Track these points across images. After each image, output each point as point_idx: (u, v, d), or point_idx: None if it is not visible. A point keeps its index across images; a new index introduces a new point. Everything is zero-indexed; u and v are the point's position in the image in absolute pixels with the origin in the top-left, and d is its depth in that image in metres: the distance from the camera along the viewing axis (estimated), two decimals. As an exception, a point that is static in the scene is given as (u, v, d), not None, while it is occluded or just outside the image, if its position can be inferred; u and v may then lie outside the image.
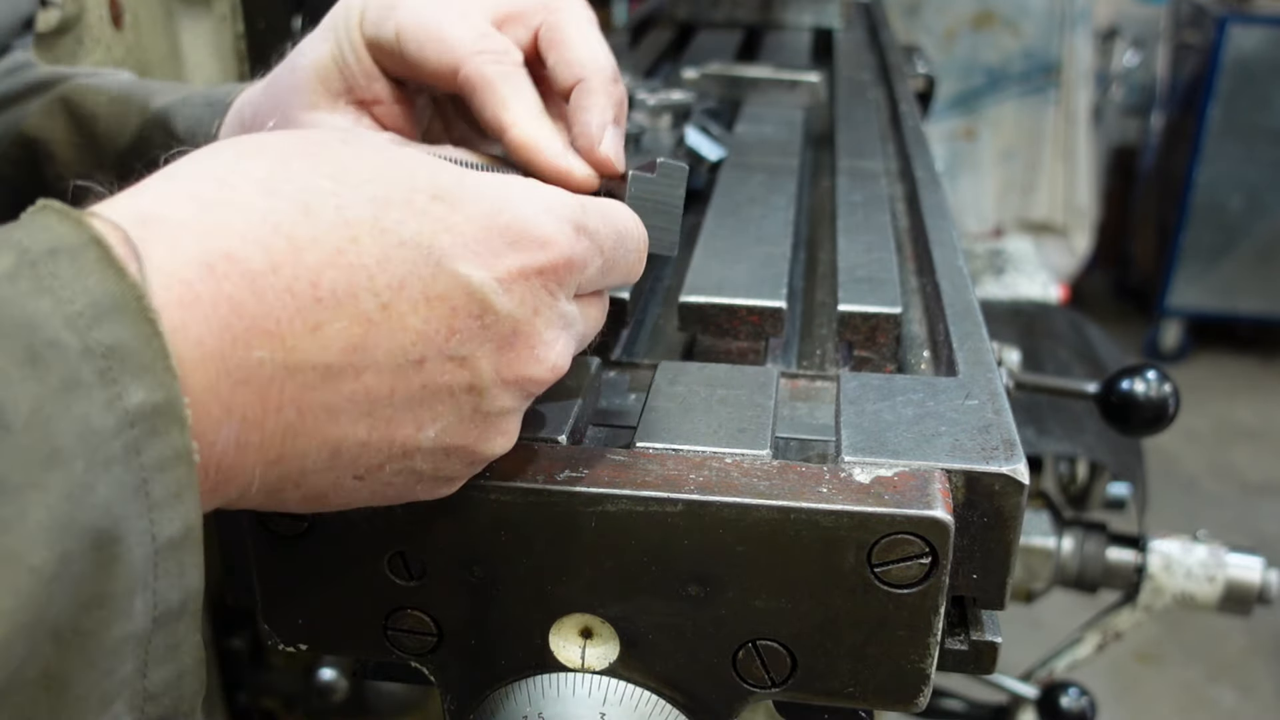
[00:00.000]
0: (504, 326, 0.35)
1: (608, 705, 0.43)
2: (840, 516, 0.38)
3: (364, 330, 0.32)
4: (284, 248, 0.31)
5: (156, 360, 0.28)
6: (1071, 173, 3.40)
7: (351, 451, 0.34)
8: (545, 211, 0.37)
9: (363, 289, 0.32)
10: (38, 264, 0.27)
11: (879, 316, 0.54)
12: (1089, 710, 0.98)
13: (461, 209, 0.34)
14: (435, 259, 0.33)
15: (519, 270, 0.35)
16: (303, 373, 0.31)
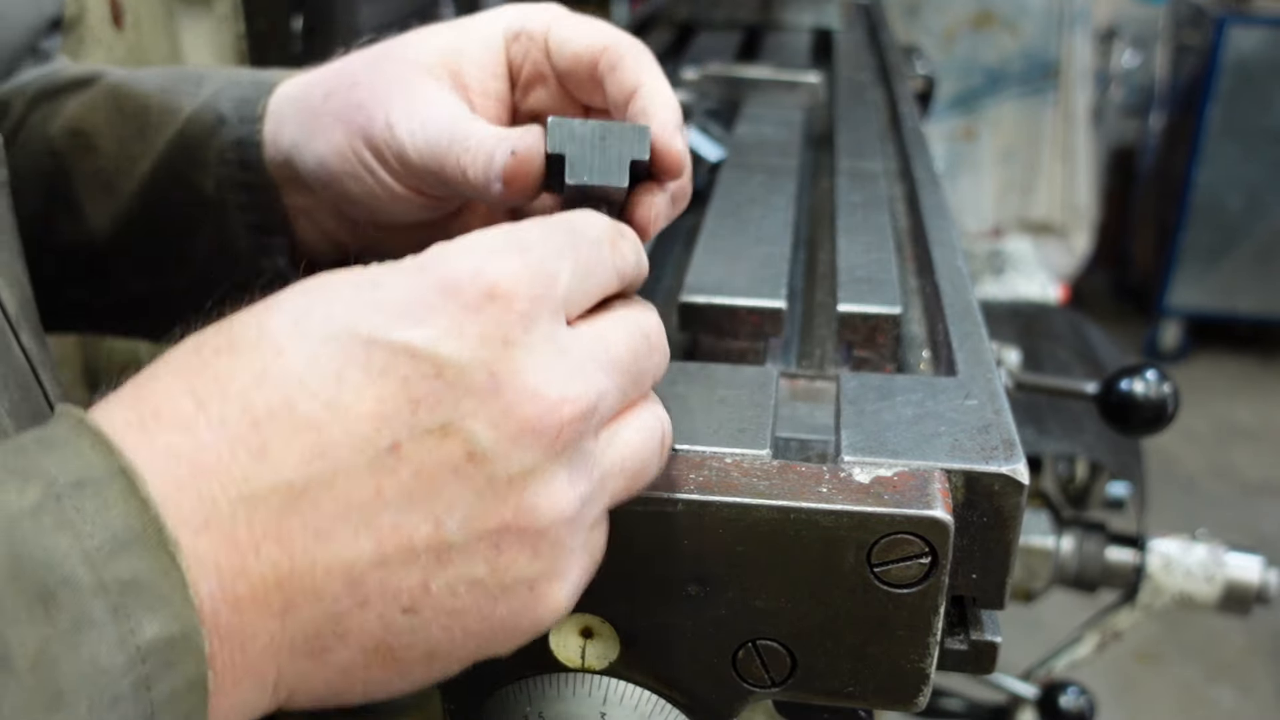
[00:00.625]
0: (475, 375, 0.31)
1: (608, 705, 0.43)
2: (840, 516, 0.39)
3: (314, 436, 0.30)
4: (208, 385, 0.30)
5: (174, 592, 0.27)
6: (1071, 173, 3.40)
7: (372, 575, 0.31)
8: (471, 250, 0.34)
9: (296, 395, 0.30)
10: (63, 498, 0.27)
11: (879, 317, 0.54)
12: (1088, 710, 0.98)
13: (386, 284, 0.32)
14: (365, 338, 0.31)
15: (461, 310, 0.32)
16: (264, 500, 0.29)
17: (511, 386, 0.32)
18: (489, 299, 0.32)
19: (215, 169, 0.57)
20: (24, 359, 0.48)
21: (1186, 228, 3.34)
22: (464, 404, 0.31)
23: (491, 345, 0.32)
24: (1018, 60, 3.37)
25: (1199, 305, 3.43)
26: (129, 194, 0.59)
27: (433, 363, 0.31)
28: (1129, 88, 3.62)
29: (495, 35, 0.52)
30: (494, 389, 0.31)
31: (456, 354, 0.31)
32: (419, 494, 0.31)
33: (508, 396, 0.31)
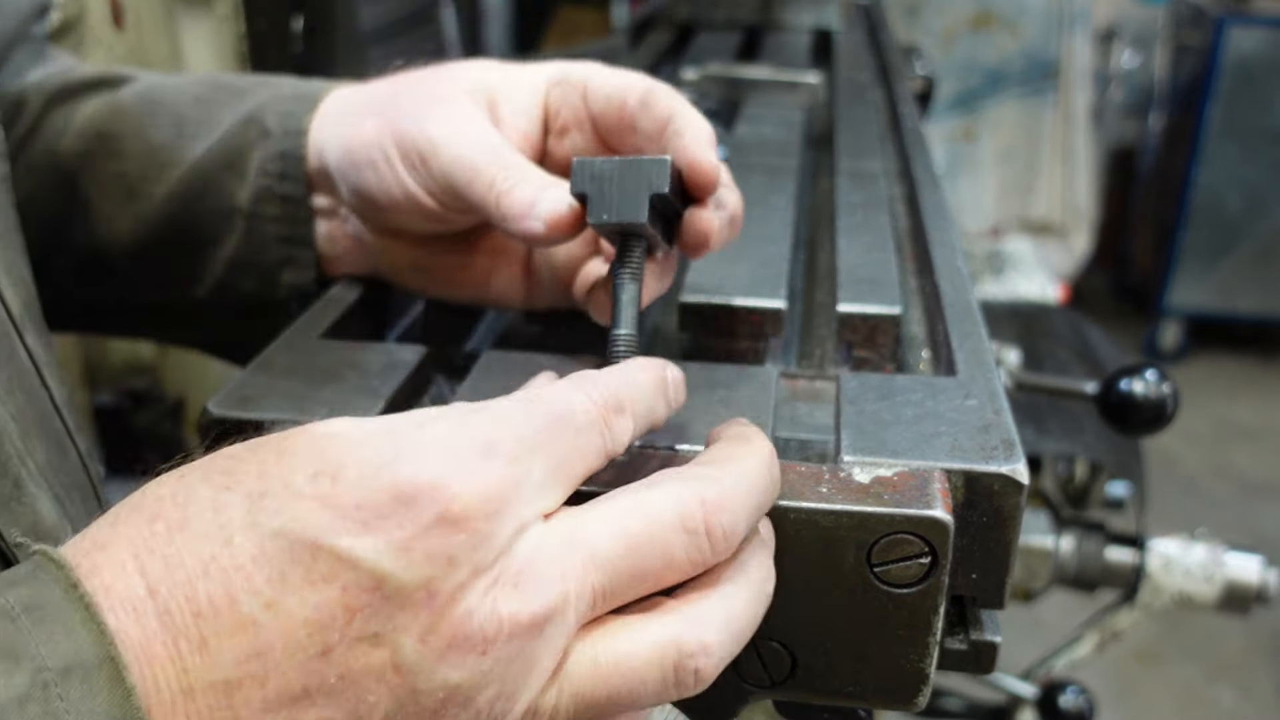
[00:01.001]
0: (413, 592, 0.31)
1: (608, 705, 0.43)
2: (840, 516, 0.39)
3: (252, 636, 0.30)
4: (159, 569, 0.30)
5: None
6: (1071, 173, 3.40)
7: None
8: (435, 452, 0.32)
9: (241, 592, 0.30)
10: (50, 686, 0.27)
11: (879, 317, 0.54)
12: (1088, 709, 0.98)
13: (342, 478, 0.31)
14: (311, 540, 0.31)
15: (412, 527, 0.31)
16: (202, 693, 0.30)
17: (447, 604, 0.31)
18: (440, 520, 0.31)
19: (254, 180, 0.58)
20: (29, 360, 0.48)
21: (1186, 228, 3.34)
22: (397, 617, 0.31)
23: (435, 563, 0.31)
24: (1018, 60, 3.37)
25: (1199, 305, 3.44)
26: (156, 200, 0.60)
27: (373, 575, 0.31)
28: (1129, 88, 3.62)
29: (539, 81, 0.54)
30: (428, 605, 0.31)
31: (398, 570, 0.31)
32: (343, 695, 0.31)
33: (440, 613, 0.31)
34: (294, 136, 0.57)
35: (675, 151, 0.47)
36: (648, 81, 0.51)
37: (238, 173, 0.58)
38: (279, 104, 0.59)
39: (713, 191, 0.47)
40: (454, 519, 0.31)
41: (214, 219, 0.59)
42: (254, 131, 0.58)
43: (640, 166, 0.44)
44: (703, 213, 0.47)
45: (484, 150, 0.50)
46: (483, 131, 0.51)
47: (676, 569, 0.35)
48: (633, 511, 0.35)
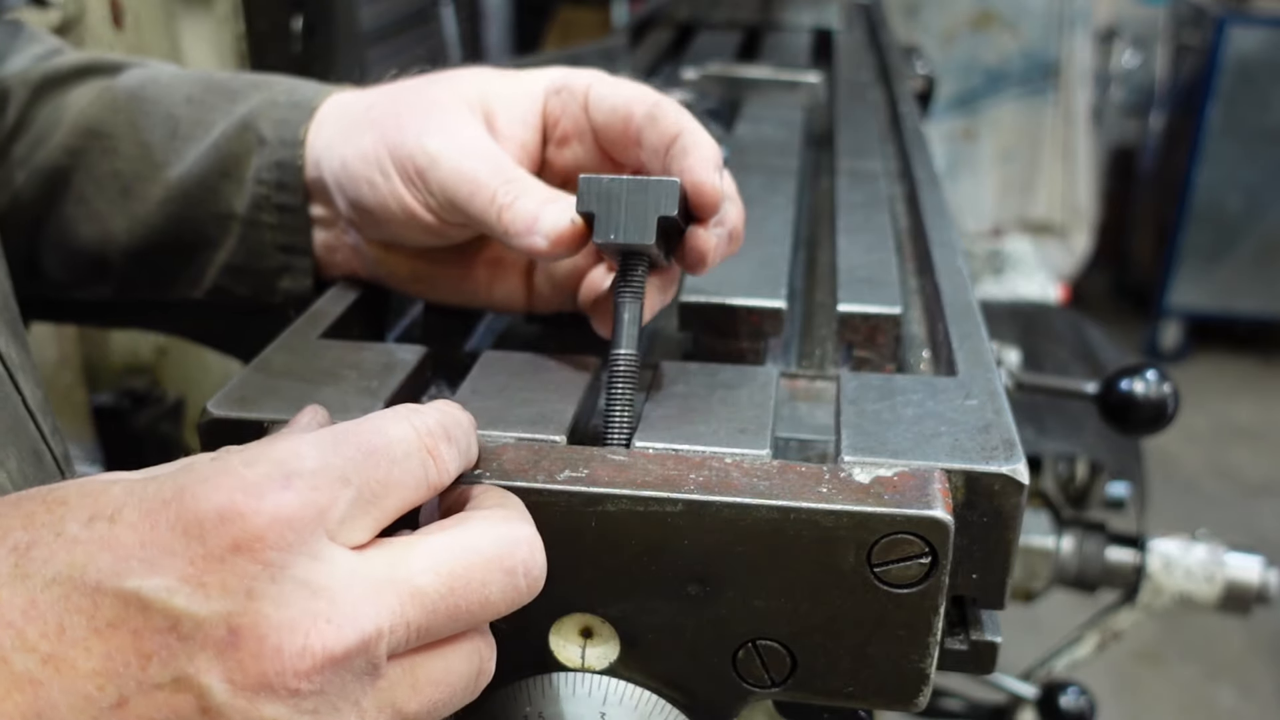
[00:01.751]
0: (212, 629, 0.29)
1: (608, 705, 0.43)
2: (840, 516, 0.39)
3: (30, 696, 0.28)
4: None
5: None
6: (1071, 173, 3.40)
7: None
8: (224, 480, 0.30)
9: (12, 650, 0.28)
10: None
11: (879, 317, 0.54)
12: (1088, 710, 0.98)
13: (123, 517, 0.30)
14: (93, 585, 0.29)
15: (204, 558, 0.29)
16: None
17: (250, 640, 0.29)
18: (234, 548, 0.29)
19: (251, 187, 0.58)
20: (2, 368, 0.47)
21: (1186, 228, 3.34)
22: (199, 658, 0.29)
23: (233, 596, 0.29)
24: (1018, 60, 3.37)
25: (1199, 305, 3.44)
26: (151, 202, 0.59)
27: (165, 615, 0.29)
28: (1129, 88, 3.62)
29: (537, 88, 0.54)
30: (232, 643, 0.29)
31: (193, 607, 0.29)
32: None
33: (246, 650, 0.29)
34: (291, 147, 0.57)
35: (681, 171, 0.47)
36: (654, 95, 0.51)
37: (234, 180, 0.58)
38: (274, 110, 0.58)
39: (716, 212, 0.47)
40: (248, 548, 0.29)
41: (210, 224, 0.59)
42: (250, 139, 0.58)
43: (648, 188, 0.44)
44: (703, 232, 0.47)
45: (484, 163, 0.50)
46: (481, 143, 0.51)
47: (491, 609, 0.35)
48: (457, 545, 0.34)
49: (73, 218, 0.60)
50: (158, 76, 0.62)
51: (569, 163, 0.54)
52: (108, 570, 0.29)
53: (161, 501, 0.30)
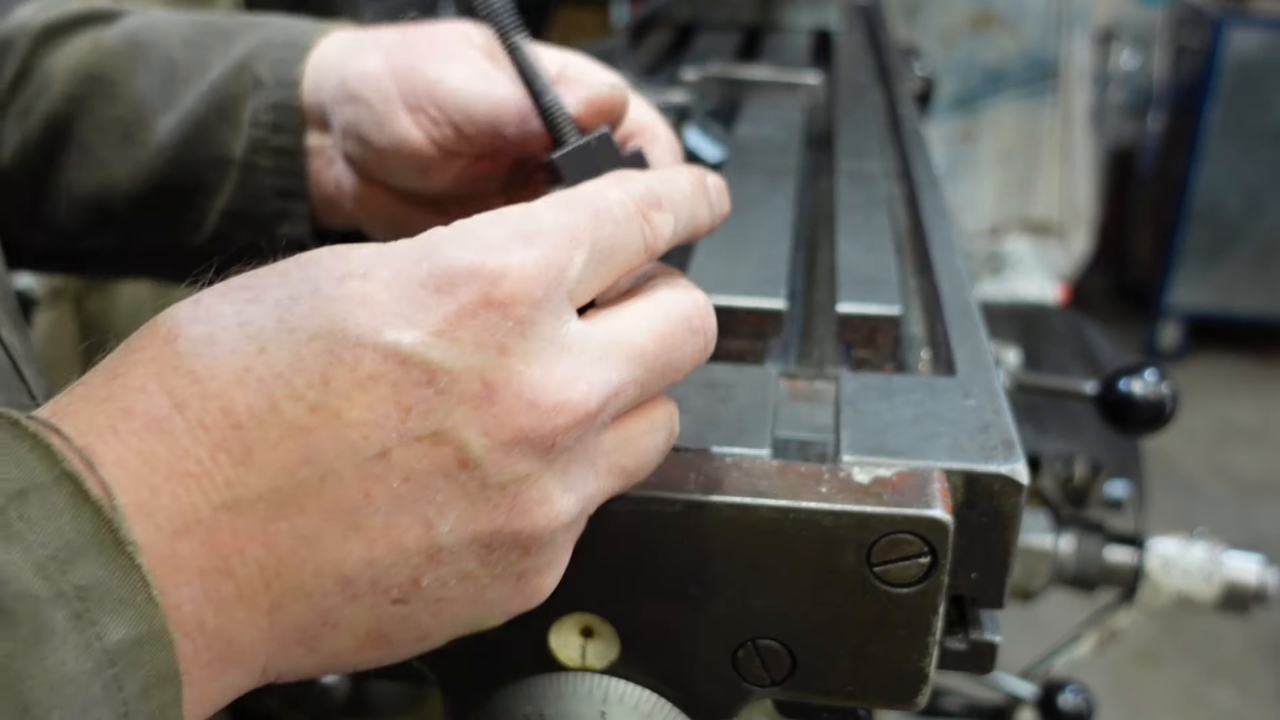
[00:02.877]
0: (467, 382, 0.30)
1: (608, 704, 0.43)
2: (840, 516, 0.39)
3: (300, 442, 0.29)
4: (185, 385, 0.29)
5: (136, 592, 0.26)
6: (1070, 174, 3.40)
7: (363, 574, 0.30)
8: (469, 239, 0.31)
9: (282, 398, 0.29)
10: (6, 509, 0.26)
11: (879, 317, 0.54)
12: (1088, 709, 0.98)
13: (375, 276, 0.30)
14: (353, 339, 0.29)
15: (456, 314, 0.30)
16: (248, 506, 0.28)
17: (506, 395, 0.30)
18: (485, 303, 0.30)
19: (248, 130, 0.57)
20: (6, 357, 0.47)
21: (1186, 228, 3.34)
22: (456, 412, 0.30)
23: (486, 352, 0.30)
24: (1017, 61, 3.37)
25: (1198, 305, 3.44)
26: (152, 147, 0.59)
27: (424, 369, 0.30)
28: (1128, 89, 3.62)
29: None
30: (487, 397, 0.30)
31: (449, 360, 0.30)
32: (409, 498, 0.30)
33: (502, 405, 0.30)
34: (287, 87, 0.56)
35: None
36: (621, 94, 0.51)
37: (231, 123, 0.57)
38: (270, 50, 0.57)
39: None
40: (499, 303, 0.30)
41: (208, 169, 0.58)
42: (246, 81, 0.57)
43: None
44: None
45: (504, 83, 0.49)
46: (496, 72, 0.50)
47: (686, 369, 0.36)
48: (658, 310, 0.35)
49: (76, 166, 0.60)
50: (154, 21, 0.62)
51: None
52: (366, 325, 0.29)
53: (412, 260, 0.31)
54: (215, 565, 0.28)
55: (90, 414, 0.29)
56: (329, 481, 0.29)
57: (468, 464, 0.30)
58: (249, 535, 0.29)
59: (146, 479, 0.28)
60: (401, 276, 0.30)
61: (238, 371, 0.29)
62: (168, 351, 0.29)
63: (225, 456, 0.28)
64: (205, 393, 0.29)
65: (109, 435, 0.28)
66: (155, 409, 0.28)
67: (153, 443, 0.28)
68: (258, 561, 0.29)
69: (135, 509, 0.27)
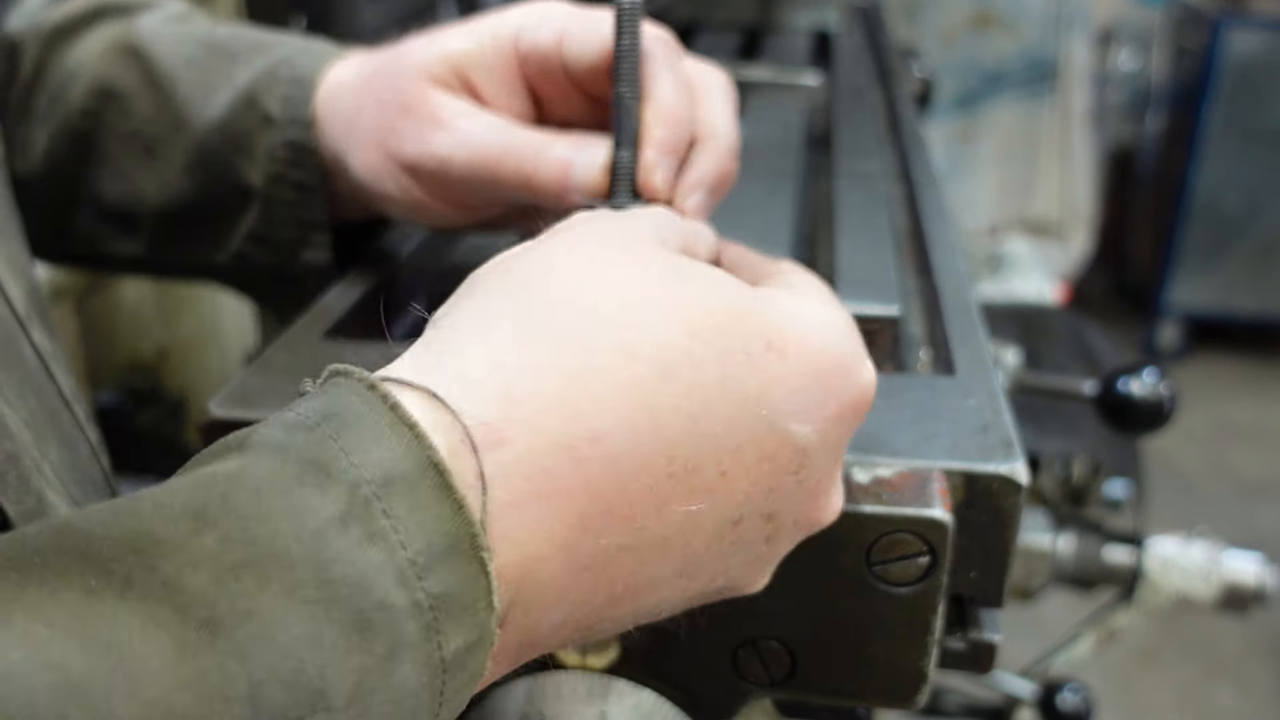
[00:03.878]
0: (815, 477, 0.33)
1: (608, 704, 0.43)
2: (840, 516, 0.39)
3: (703, 501, 0.30)
4: (645, 423, 0.28)
5: (479, 599, 0.26)
6: (1069, 174, 3.40)
7: (649, 608, 0.32)
8: (846, 338, 0.34)
9: (708, 459, 0.30)
10: (371, 503, 0.24)
11: (878, 318, 0.54)
12: (1087, 709, 0.98)
13: (790, 357, 0.31)
14: (769, 418, 0.31)
15: (836, 415, 0.32)
16: (640, 551, 0.29)
17: (825, 491, 0.34)
18: (854, 409, 0.33)
19: (265, 164, 0.57)
20: (36, 358, 0.47)
21: (1185, 228, 3.34)
22: (795, 499, 0.33)
23: (833, 455, 0.33)
24: (1016, 61, 3.37)
25: (1197, 305, 3.44)
26: (177, 166, 0.59)
27: (800, 459, 0.32)
28: (1128, 89, 3.62)
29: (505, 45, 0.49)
30: (815, 493, 0.34)
31: (816, 457, 0.32)
32: (726, 555, 0.32)
33: (819, 500, 0.34)
34: (302, 127, 0.56)
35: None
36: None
37: (248, 155, 0.57)
38: (276, 86, 0.57)
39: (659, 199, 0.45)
40: (859, 411, 0.34)
41: (230, 194, 0.59)
42: (256, 116, 0.57)
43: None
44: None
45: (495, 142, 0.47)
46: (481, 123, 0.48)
47: None
48: None
49: (103, 177, 0.60)
50: (161, 33, 0.61)
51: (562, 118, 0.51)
52: (780, 407, 0.31)
53: (817, 349, 0.33)
54: (585, 598, 0.29)
55: (557, 428, 0.27)
56: (696, 538, 0.31)
57: (770, 539, 0.34)
58: (624, 575, 0.30)
59: (585, 513, 0.28)
60: (809, 362, 0.32)
61: (687, 422, 0.29)
62: (629, 374, 0.29)
63: (649, 502, 0.29)
64: (660, 438, 0.29)
65: (568, 459, 0.27)
66: (619, 443, 0.28)
67: (604, 478, 0.28)
68: (611, 597, 0.30)
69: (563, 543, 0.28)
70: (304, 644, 0.22)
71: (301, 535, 0.23)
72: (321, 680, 0.23)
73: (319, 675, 0.22)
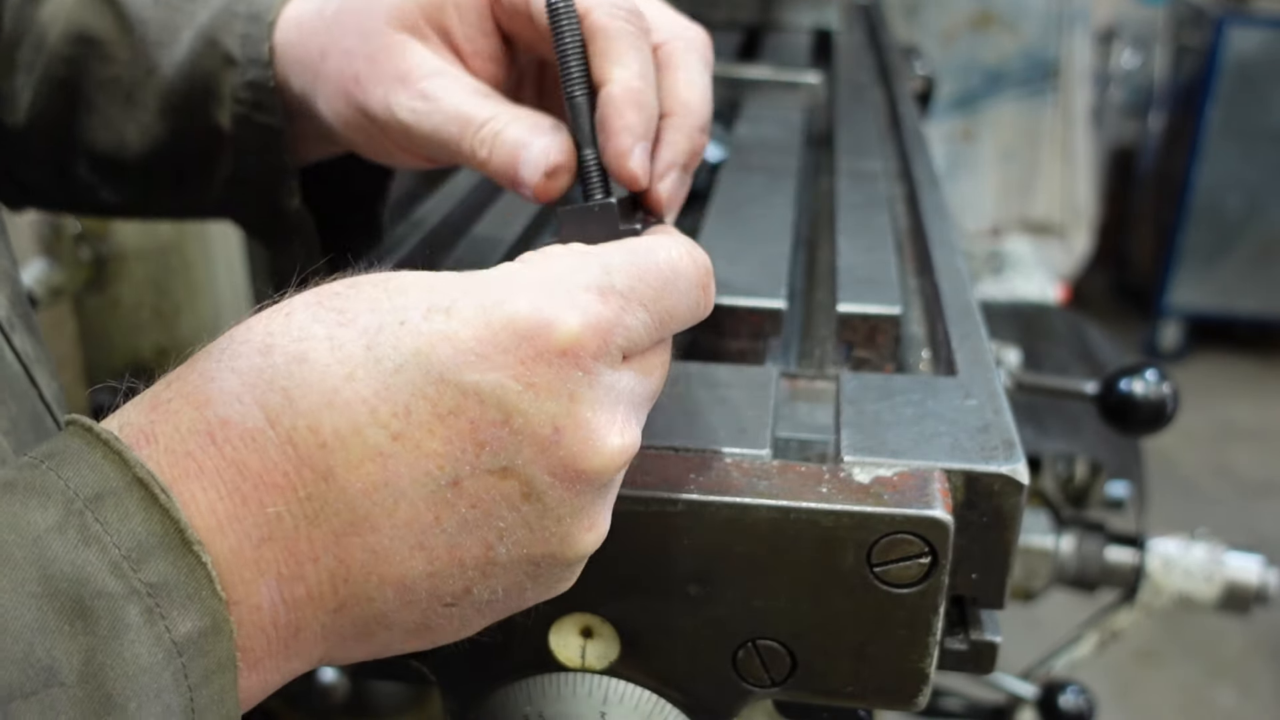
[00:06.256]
0: (539, 425, 0.32)
1: (608, 704, 0.43)
2: (840, 516, 0.39)
3: (380, 465, 0.31)
4: (278, 401, 0.31)
5: (202, 587, 0.29)
6: (1070, 173, 3.40)
7: (422, 584, 0.33)
8: (553, 289, 0.33)
9: (366, 425, 0.31)
10: (84, 513, 0.28)
11: (879, 317, 0.54)
12: (1088, 709, 0.98)
13: (458, 314, 0.32)
14: (437, 374, 0.31)
15: (533, 359, 0.32)
16: (327, 520, 0.31)
17: (574, 439, 0.33)
18: (561, 353, 0.32)
19: (230, 106, 0.56)
20: (18, 364, 0.47)
21: (1186, 228, 3.34)
22: (526, 451, 0.32)
23: (558, 398, 0.32)
24: (1017, 61, 3.36)
25: (1198, 305, 3.44)
26: (152, 110, 0.59)
27: (500, 409, 0.32)
28: (1129, 88, 3.62)
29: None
30: (556, 440, 0.33)
31: (523, 404, 0.32)
32: (473, 523, 0.33)
33: (568, 448, 0.33)
34: (261, 67, 0.54)
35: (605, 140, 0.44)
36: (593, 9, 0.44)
37: (216, 98, 0.57)
38: (233, 23, 0.56)
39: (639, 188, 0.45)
40: (573, 354, 0.33)
41: (204, 138, 0.58)
42: (218, 56, 0.56)
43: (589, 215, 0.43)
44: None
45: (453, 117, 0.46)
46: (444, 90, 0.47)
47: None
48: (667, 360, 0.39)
49: (91, 126, 0.60)
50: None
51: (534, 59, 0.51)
52: (449, 362, 0.32)
53: (494, 300, 0.33)
54: (292, 570, 0.31)
55: (190, 417, 0.31)
56: (402, 504, 0.31)
57: (530, 497, 0.33)
58: (324, 546, 0.31)
59: (239, 487, 0.30)
60: (484, 316, 0.32)
61: (327, 393, 0.31)
62: (262, 363, 0.31)
63: (310, 472, 0.31)
64: (296, 410, 0.31)
65: (207, 442, 0.30)
66: (250, 421, 0.31)
67: (246, 454, 0.30)
68: (329, 569, 0.31)
69: (227, 515, 0.30)
70: (32, 629, 0.27)
71: (24, 542, 0.27)
72: (50, 659, 0.26)
73: (47, 655, 0.27)
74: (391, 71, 0.48)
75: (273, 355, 0.32)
